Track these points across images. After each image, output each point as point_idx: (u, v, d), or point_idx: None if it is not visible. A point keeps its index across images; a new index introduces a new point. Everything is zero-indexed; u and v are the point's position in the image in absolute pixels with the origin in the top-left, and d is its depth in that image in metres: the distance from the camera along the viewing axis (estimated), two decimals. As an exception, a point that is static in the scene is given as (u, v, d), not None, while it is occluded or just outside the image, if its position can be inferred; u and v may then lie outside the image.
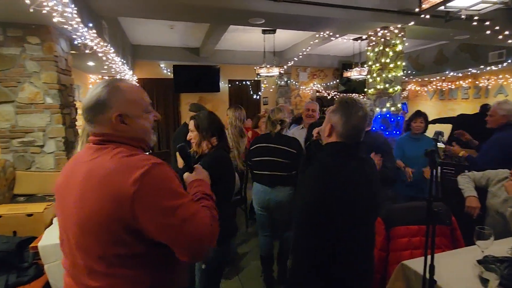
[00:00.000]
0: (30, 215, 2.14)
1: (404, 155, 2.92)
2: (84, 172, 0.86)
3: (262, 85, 8.13)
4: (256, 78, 7.44)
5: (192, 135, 1.83)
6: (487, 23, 3.74)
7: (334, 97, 8.28)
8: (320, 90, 8.52)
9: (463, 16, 2.35)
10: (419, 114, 3.01)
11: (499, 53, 5.58)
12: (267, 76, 5.93)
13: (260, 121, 4.17)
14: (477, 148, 3.18)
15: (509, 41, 4.14)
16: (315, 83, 8.54)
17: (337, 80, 8.56)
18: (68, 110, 2.92)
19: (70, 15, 2.20)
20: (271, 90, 8.23)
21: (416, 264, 1.45)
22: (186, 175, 1.12)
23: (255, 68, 5.91)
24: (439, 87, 7.72)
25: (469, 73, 6.60)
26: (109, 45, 3.46)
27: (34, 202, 2.50)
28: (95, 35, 2.80)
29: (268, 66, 5.76)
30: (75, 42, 2.73)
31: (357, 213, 1.23)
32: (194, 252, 0.86)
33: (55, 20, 2.13)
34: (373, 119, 4.18)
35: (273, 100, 8.35)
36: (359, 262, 1.30)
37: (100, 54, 3.22)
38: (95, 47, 2.89)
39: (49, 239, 1.84)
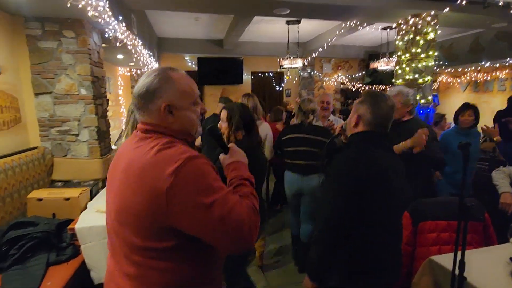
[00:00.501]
0: (67, 199, 2.28)
1: (448, 150, 2.65)
2: (126, 162, 0.88)
3: (285, 76, 8.05)
4: (279, 70, 7.38)
5: (223, 125, 1.83)
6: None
7: (359, 89, 8.05)
8: (345, 82, 8.31)
9: (501, 3, 2.19)
10: (468, 107, 2.75)
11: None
12: (290, 67, 5.87)
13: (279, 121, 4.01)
14: None
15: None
16: (340, 74, 8.34)
17: (363, 72, 8.30)
18: (100, 101, 3.05)
19: (102, 9, 2.28)
20: (294, 82, 8.13)
21: (445, 259, 1.41)
22: (221, 157, 1.07)
23: (278, 59, 5.86)
24: (473, 78, 7.28)
25: (507, 63, 6.16)
26: (137, 37, 3.57)
27: (71, 187, 2.67)
28: (125, 28, 2.89)
29: (291, 57, 5.69)
30: (106, 35, 2.84)
31: (387, 200, 1.24)
32: (235, 245, 0.84)
33: (89, 14, 2.22)
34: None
35: (295, 92, 8.27)
36: (386, 254, 1.28)
37: (129, 47, 3.32)
38: (125, 40, 2.99)
39: (85, 222, 1.97)
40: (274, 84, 8.05)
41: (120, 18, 2.74)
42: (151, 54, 4.74)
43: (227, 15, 4.81)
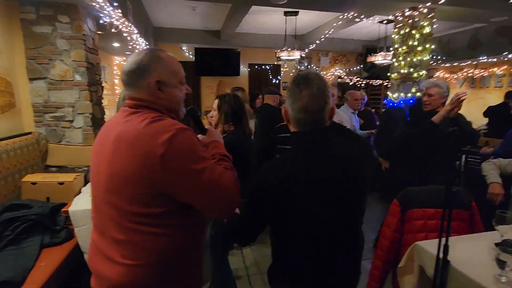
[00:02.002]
0: (61, 183, 2.29)
1: None
2: (116, 133, 0.91)
3: (282, 69, 8.04)
4: (276, 63, 7.36)
5: (214, 114, 1.86)
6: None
7: (356, 84, 8.06)
8: (342, 76, 8.31)
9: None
10: None
11: (540, 37, 5.19)
12: (287, 59, 5.86)
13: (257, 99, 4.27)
14: None
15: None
16: (337, 68, 8.33)
17: (360, 66, 8.30)
18: (95, 88, 3.05)
19: (97, -6, 2.27)
20: (291, 74, 8.12)
21: (430, 245, 1.44)
22: (200, 137, 1.13)
23: (276, 51, 5.84)
24: (470, 74, 7.31)
25: (505, 59, 6.18)
26: (133, 25, 3.54)
27: (65, 172, 2.67)
28: (120, 14, 2.87)
29: (289, 49, 5.68)
30: (101, 22, 2.82)
31: (313, 211, 0.99)
32: (224, 209, 0.93)
33: (83, -2, 2.21)
34: (397, 105, 4.08)
35: (293, 85, 8.25)
36: (320, 267, 1.05)
37: (124, 34, 3.30)
38: (120, 27, 2.97)
39: (79, 205, 1.98)
40: (271, 77, 8.04)
41: (116, 4, 2.72)
42: (147, 43, 4.70)
43: (224, 5, 4.77)
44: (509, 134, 2.66)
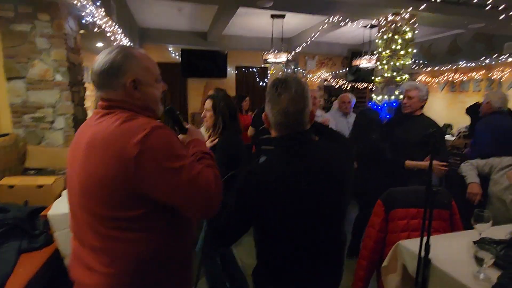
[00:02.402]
0: (40, 186, 2.22)
1: None
2: (89, 136, 0.88)
3: (269, 71, 8.08)
4: (263, 65, 7.39)
5: (208, 114, 1.87)
6: (501, 7, 3.62)
7: (342, 86, 8.19)
8: (328, 79, 8.43)
9: (475, 0, 2.29)
10: None
11: (515, 44, 5.42)
12: (274, 62, 5.89)
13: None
14: None
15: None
16: (323, 71, 8.45)
17: (346, 69, 8.45)
18: (77, 88, 2.97)
19: (79, -8, 2.22)
20: (278, 77, 8.17)
21: (412, 244, 1.47)
22: (181, 137, 1.10)
23: (263, 53, 5.86)
24: (450, 79, 7.56)
25: (483, 64, 6.43)
26: (116, 25, 3.48)
27: (44, 175, 2.58)
28: (103, 14, 2.82)
29: (276, 52, 5.71)
30: (84, 21, 2.76)
31: (292, 217, 0.99)
32: (205, 208, 0.88)
33: (64, -4, 2.15)
34: (381, 107, 4.17)
35: (280, 88, 8.30)
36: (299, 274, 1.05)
37: (108, 34, 3.24)
38: (103, 26, 2.91)
39: (58, 209, 1.92)
40: (258, 80, 8.06)
41: (98, 3, 2.67)
42: (132, 43, 4.63)
43: (211, 6, 4.76)
44: (477, 134, 2.81)
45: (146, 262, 0.88)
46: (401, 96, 4.13)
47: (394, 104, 4.11)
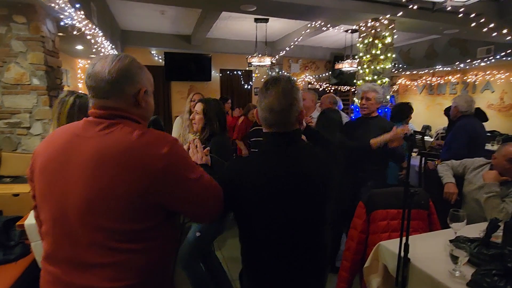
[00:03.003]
0: (16, 195, 2.13)
1: None
2: (93, 148, 0.82)
3: (253, 75, 8.11)
4: (247, 68, 7.42)
5: (197, 118, 1.89)
6: (473, 15, 3.80)
7: (326, 89, 8.33)
8: (312, 82, 8.55)
9: (449, 8, 2.40)
10: None
11: (487, 49, 5.68)
12: (258, 65, 5.93)
13: (249, 112, 4.18)
14: None
15: (494, 34, 4.21)
16: (307, 74, 8.57)
17: (329, 72, 8.60)
18: (55, 93, 2.88)
19: (57, -6, 2.17)
20: (263, 80, 8.19)
21: (393, 244, 1.50)
22: None
23: (247, 57, 5.89)
24: (428, 82, 7.85)
25: (458, 68, 6.72)
26: (97, 28, 3.41)
27: (20, 183, 2.49)
28: (83, 16, 2.75)
29: (260, 55, 5.75)
30: (62, 23, 2.68)
31: (275, 217, 1.00)
32: (215, 214, 0.97)
33: (41, -2, 2.09)
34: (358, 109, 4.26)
35: (265, 91, 8.35)
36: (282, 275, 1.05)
37: (88, 37, 3.17)
38: (83, 29, 2.85)
39: (36, 218, 1.85)
40: (242, 82, 8.08)
41: (78, 5, 2.61)
42: (113, 46, 4.54)
43: (194, 10, 4.74)
44: (453, 136, 2.94)
45: (151, 271, 0.88)
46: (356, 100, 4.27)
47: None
